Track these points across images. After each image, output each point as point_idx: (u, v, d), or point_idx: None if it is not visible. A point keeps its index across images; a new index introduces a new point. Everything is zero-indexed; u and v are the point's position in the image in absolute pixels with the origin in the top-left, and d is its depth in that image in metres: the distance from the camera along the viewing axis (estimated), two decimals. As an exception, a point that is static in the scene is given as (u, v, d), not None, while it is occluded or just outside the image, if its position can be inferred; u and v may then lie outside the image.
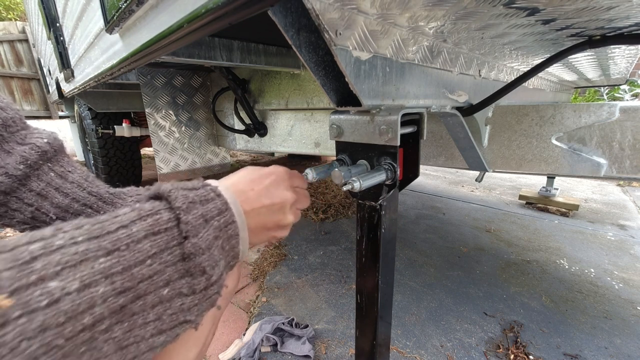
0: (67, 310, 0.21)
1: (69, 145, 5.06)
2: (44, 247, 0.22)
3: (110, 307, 0.23)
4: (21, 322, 0.19)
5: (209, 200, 0.33)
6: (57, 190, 0.50)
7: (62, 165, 0.52)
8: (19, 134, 0.48)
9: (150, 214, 0.28)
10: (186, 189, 0.32)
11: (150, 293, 0.26)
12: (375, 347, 0.58)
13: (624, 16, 0.53)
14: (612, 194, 3.00)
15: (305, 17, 0.37)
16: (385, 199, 0.51)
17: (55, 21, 1.48)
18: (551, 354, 1.12)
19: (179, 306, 0.28)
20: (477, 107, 0.75)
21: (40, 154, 0.48)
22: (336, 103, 0.49)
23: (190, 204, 0.30)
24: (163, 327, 0.27)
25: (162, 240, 0.27)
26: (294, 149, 1.38)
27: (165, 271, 0.27)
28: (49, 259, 0.21)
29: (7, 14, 8.04)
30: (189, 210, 0.30)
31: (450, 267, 1.70)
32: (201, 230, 0.30)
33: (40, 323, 0.19)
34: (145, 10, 0.56)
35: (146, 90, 1.50)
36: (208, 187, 0.34)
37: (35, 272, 0.20)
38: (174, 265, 0.28)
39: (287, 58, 1.07)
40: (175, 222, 0.29)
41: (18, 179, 0.46)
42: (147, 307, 0.26)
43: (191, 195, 0.31)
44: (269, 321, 1.21)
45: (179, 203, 0.29)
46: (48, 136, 0.50)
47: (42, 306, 0.20)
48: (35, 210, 0.49)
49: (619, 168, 0.69)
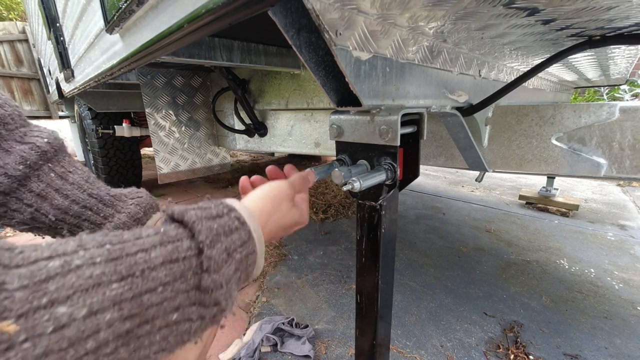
0: (71, 337, 0.21)
1: (69, 145, 5.06)
2: (62, 266, 0.22)
3: (116, 332, 0.23)
4: (25, 347, 0.19)
5: (233, 231, 0.32)
6: (57, 191, 0.50)
7: (62, 166, 0.51)
8: (18, 131, 0.48)
9: (172, 240, 0.28)
10: (210, 218, 0.31)
11: (159, 318, 0.26)
12: (375, 347, 0.58)
13: (623, 16, 0.53)
14: (612, 194, 3.00)
15: (306, 17, 0.37)
16: (385, 199, 0.51)
17: (55, 21, 1.48)
18: (551, 354, 1.12)
19: (185, 329, 0.28)
20: (477, 107, 0.75)
21: (40, 154, 0.48)
22: (336, 103, 0.49)
23: (215, 237, 0.30)
24: (166, 346, 0.28)
25: (179, 269, 0.27)
26: (294, 149, 1.38)
27: (177, 298, 0.27)
28: (63, 281, 0.21)
29: (7, 14, 8.04)
30: (212, 244, 0.29)
31: (450, 267, 1.70)
32: (223, 266, 0.30)
33: (44, 349, 0.20)
34: (146, 11, 0.56)
35: (146, 90, 1.50)
36: (233, 215, 0.33)
37: (47, 294, 0.21)
38: (186, 293, 0.28)
39: (287, 58, 1.07)
40: (196, 252, 0.29)
41: (18, 180, 0.46)
42: (153, 331, 0.26)
43: (215, 227, 0.30)
44: (269, 321, 1.21)
45: (202, 237, 0.29)
46: (48, 135, 0.50)
47: (48, 332, 0.20)
48: (34, 211, 0.49)
49: (619, 168, 0.69)
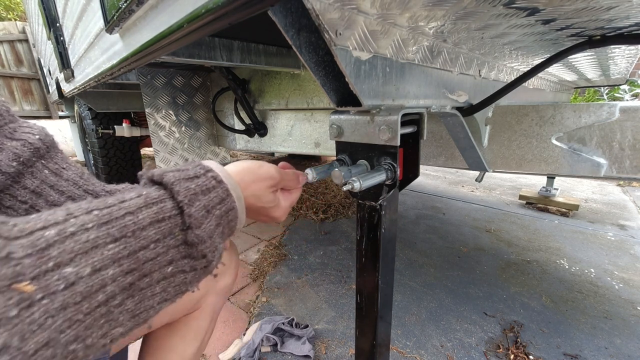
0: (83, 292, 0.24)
1: (69, 145, 5.06)
2: (59, 234, 0.24)
3: (121, 285, 0.26)
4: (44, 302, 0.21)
5: (211, 189, 0.34)
6: (52, 188, 0.50)
7: (56, 162, 0.51)
8: (7, 127, 0.47)
9: (156, 202, 0.30)
10: (188, 179, 0.33)
11: (156, 271, 0.29)
12: (375, 347, 0.58)
13: (623, 16, 0.53)
14: (612, 194, 3.00)
15: (306, 17, 0.37)
16: (385, 199, 0.51)
17: (55, 21, 1.48)
18: (551, 354, 1.12)
19: (181, 280, 0.32)
20: (477, 107, 0.75)
21: (32, 150, 0.48)
22: (336, 103, 0.49)
23: (192, 196, 0.32)
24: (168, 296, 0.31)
25: (166, 227, 0.30)
26: (294, 149, 1.38)
27: (169, 253, 0.30)
28: (63, 247, 0.24)
29: (7, 14, 8.04)
30: (191, 203, 0.31)
31: (450, 267, 1.70)
32: (204, 222, 0.32)
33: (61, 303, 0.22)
34: (145, 10, 0.56)
35: (146, 90, 1.50)
36: (209, 175, 0.35)
37: (52, 259, 0.23)
38: (176, 248, 0.30)
39: (287, 58, 1.07)
40: (179, 211, 0.31)
41: (11, 176, 0.46)
42: (153, 283, 0.29)
43: (193, 187, 0.32)
44: (269, 321, 1.21)
45: (181, 197, 0.31)
46: (39, 132, 0.49)
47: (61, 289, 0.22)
48: (29, 208, 0.48)
49: (619, 168, 0.69)
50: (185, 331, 0.64)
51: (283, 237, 2.09)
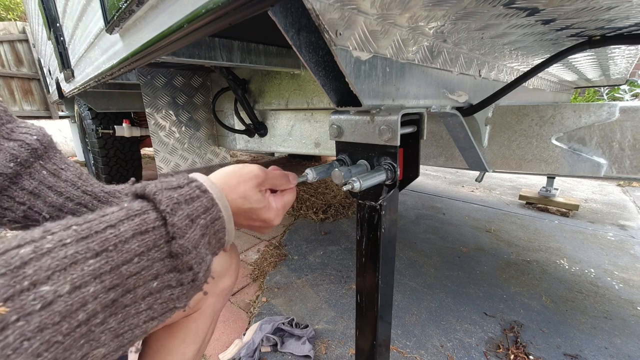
0: (61, 311, 0.22)
1: (69, 146, 5.07)
2: (34, 251, 0.22)
3: (102, 303, 0.24)
4: (19, 324, 0.20)
5: (195, 199, 0.33)
6: (50, 188, 0.49)
7: (54, 163, 0.51)
8: (5, 127, 0.47)
9: (138, 214, 0.29)
10: (171, 189, 0.32)
11: (140, 287, 0.27)
12: (375, 347, 0.58)
13: (623, 16, 0.53)
14: (612, 194, 3.00)
15: (306, 17, 0.37)
16: (385, 199, 0.51)
17: (55, 21, 1.48)
18: (551, 354, 1.12)
19: (168, 296, 0.30)
20: (477, 107, 0.76)
21: (30, 151, 0.47)
22: (336, 103, 0.49)
23: (175, 205, 0.31)
24: (155, 314, 0.29)
25: (150, 239, 0.28)
26: (294, 149, 1.38)
27: (154, 266, 0.28)
28: (39, 264, 0.22)
29: (6, 14, 8.04)
30: (174, 212, 0.30)
31: (450, 267, 1.70)
32: (187, 231, 0.31)
33: (38, 324, 0.21)
34: (146, 11, 0.56)
35: (146, 90, 1.50)
36: (193, 184, 0.34)
37: (27, 277, 0.21)
38: (161, 261, 0.29)
39: (287, 58, 1.07)
40: (162, 222, 0.30)
41: (9, 177, 0.46)
42: (137, 299, 0.27)
43: (175, 196, 0.31)
44: (269, 321, 1.21)
45: (163, 206, 0.30)
46: (37, 132, 0.49)
47: (37, 309, 0.21)
48: (27, 209, 0.48)
49: (619, 168, 0.69)
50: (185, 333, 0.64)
51: (283, 237, 2.09)
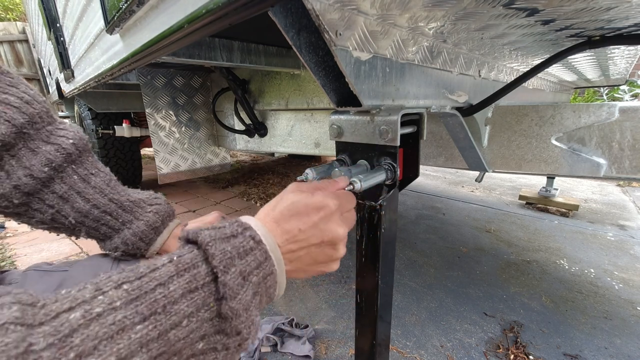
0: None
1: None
2: (84, 316, 0.22)
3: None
4: None
5: (248, 252, 0.31)
6: (79, 194, 0.50)
7: (86, 168, 0.52)
8: (45, 130, 0.47)
9: (188, 268, 0.28)
10: (224, 239, 0.30)
11: (186, 348, 0.26)
12: (375, 347, 0.58)
13: (623, 17, 0.53)
14: (612, 194, 3.00)
15: (306, 17, 0.38)
16: (385, 199, 0.51)
17: (55, 21, 1.48)
18: (551, 354, 1.12)
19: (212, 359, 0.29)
20: (477, 107, 0.76)
21: (65, 156, 0.48)
22: (336, 103, 0.49)
23: (228, 261, 0.29)
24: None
25: (200, 297, 0.27)
26: (294, 149, 1.38)
27: (202, 327, 0.27)
28: (87, 332, 0.22)
29: (6, 15, 8.04)
30: (226, 269, 0.29)
31: (450, 267, 1.70)
32: (239, 292, 0.29)
33: None
34: (146, 11, 0.56)
35: (146, 90, 1.50)
36: (247, 234, 0.32)
37: (74, 348, 0.21)
38: (210, 321, 0.28)
39: (287, 58, 1.07)
40: (213, 277, 0.29)
41: (42, 181, 0.46)
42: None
43: (229, 249, 0.30)
44: (269, 321, 1.21)
45: (216, 262, 0.29)
46: (74, 135, 0.50)
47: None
48: (55, 213, 0.49)
49: (618, 168, 0.69)
50: None
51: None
